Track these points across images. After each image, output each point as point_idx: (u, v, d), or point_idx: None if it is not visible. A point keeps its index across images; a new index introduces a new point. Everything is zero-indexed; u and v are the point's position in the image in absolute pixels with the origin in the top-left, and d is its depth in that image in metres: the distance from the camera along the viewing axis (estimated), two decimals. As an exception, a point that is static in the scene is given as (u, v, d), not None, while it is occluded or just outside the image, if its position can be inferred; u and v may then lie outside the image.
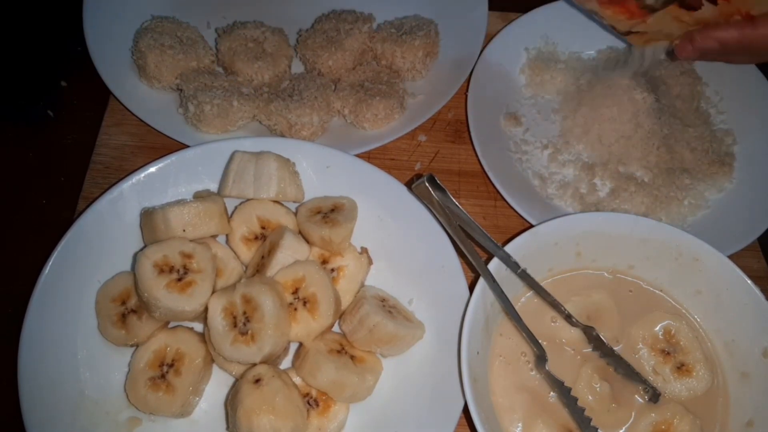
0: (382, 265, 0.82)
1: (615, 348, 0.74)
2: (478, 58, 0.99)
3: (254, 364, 0.71)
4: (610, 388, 0.72)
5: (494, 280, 0.71)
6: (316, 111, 0.91)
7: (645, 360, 0.74)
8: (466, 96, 0.96)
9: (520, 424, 0.70)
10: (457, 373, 0.70)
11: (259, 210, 0.81)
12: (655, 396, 0.71)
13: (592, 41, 1.05)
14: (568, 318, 0.74)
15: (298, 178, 0.83)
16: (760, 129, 0.97)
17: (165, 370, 0.72)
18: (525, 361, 0.74)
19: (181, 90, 0.93)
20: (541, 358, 0.71)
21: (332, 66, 0.97)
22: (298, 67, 1.02)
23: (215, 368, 0.76)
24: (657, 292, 0.79)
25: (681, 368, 0.73)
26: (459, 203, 0.93)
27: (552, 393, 0.72)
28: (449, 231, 0.74)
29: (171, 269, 0.72)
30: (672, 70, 1.00)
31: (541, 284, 0.76)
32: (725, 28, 0.83)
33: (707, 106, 1.01)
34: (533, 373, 0.73)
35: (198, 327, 0.78)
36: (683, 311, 0.78)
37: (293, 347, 0.78)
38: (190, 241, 0.75)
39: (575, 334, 0.75)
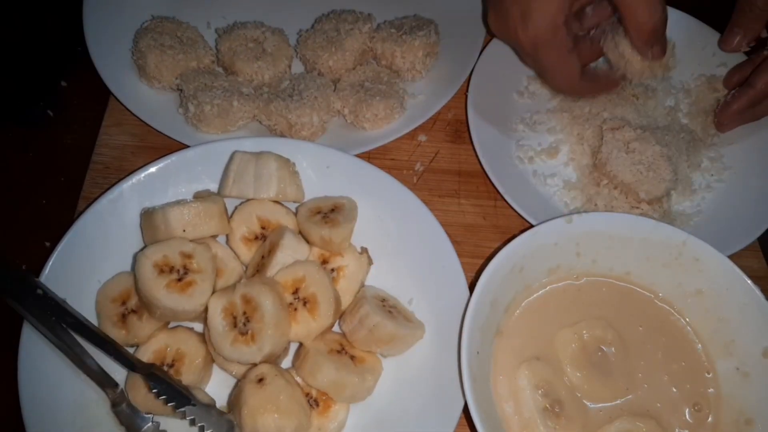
0: (382, 265, 0.82)
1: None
2: (478, 58, 0.99)
3: (255, 364, 0.72)
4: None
5: None
6: (316, 111, 0.91)
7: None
8: (466, 96, 0.96)
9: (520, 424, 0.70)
10: (457, 373, 0.70)
11: (259, 210, 0.81)
12: None
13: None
14: None
15: (298, 178, 0.83)
16: (760, 128, 0.97)
17: (165, 370, 0.72)
18: (525, 360, 0.74)
19: (181, 90, 0.93)
20: None
21: (332, 66, 0.97)
22: (298, 67, 1.03)
23: (215, 368, 0.77)
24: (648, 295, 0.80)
25: None
26: (459, 203, 0.94)
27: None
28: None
29: (171, 269, 0.72)
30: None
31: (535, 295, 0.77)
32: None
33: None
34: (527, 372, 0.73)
35: (198, 327, 0.78)
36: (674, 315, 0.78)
37: (293, 347, 0.78)
38: (190, 241, 0.75)
39: (576, 348, 0.75)
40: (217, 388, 0.76)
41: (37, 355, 0.72)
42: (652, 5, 0.78)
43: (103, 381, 0.71)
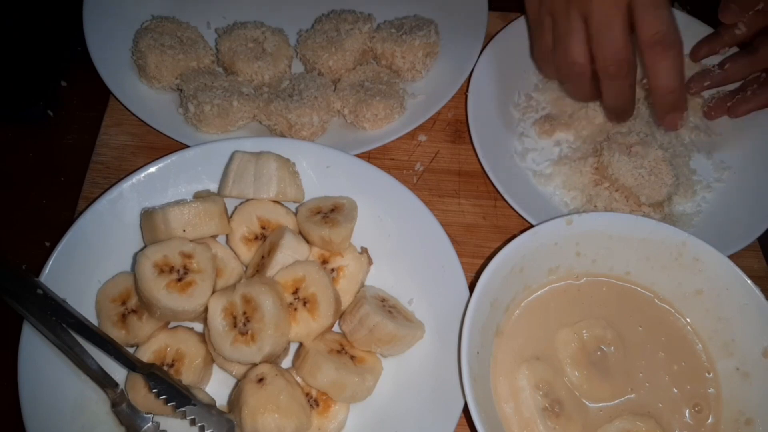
0: (382, 265, 0.82)
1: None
2: (478, 58, 0.99)
3: (255, 364, 0.72)
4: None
5: None
6: (316, 111, 0.91)
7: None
8: (466, 96, 0.96)
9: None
10: (457, 373, 0.70)
11: (259, 210, 0.81)
12: None
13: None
14: None
15: (298, 178, 0.83)
16: (758, 128, 0.97)
17: (165, 370, 0.72)
18: (525, 360, 0.74)
19: (181, 90, 0.93)
20: None
21: (332, 66, 0.97)
22: (298, 67, 1.03)
23: (215, 368, 0.77)
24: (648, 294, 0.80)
25: None
26: (459, 203, 0.94)
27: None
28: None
29: (171, 269, 0.72)
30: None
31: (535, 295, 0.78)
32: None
33: (703, 104, 1.01)
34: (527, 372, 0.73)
35: (198, 327, 0.78)
36: (674, 314, 0.78)
37: (293, 347, 0.78)
38: (190, 241, 0.75)
39: (576, 347, 0.75)
40: (217, 387, 0.76)
41: (37, 355, 0.72)
42: (672, 69, 0.79)
43: (103, 381, 0.71)
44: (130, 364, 0.70)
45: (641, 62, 0.83)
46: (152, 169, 0.81)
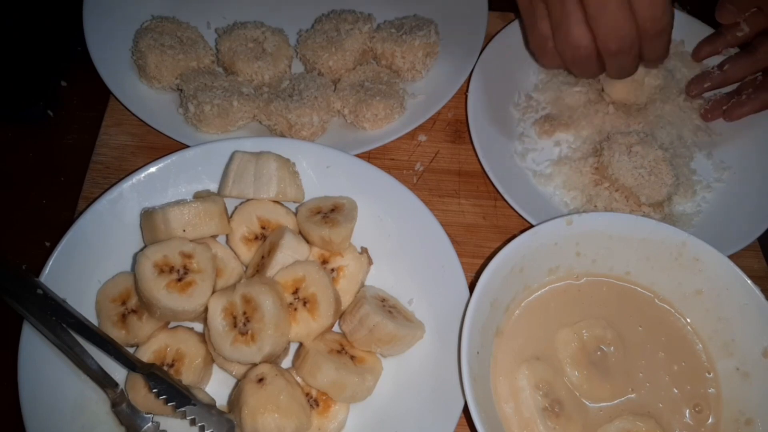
0: (382, 265, 0.82)
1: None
2: (478, 58, 0.99)
3: (255, 364, 0.72)
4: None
5: None
6: (316, 111, 0.91)
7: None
8: (466, 96, 0.96)
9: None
10: (457, 373, 0.70)
11: (259, 210, 0.81)
12: None
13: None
14: None
15: (298, 178, 0.83)
16: (758, 128, 0.98)
17: (165, 370, 0.72)
18: (525, 360, 0.74)
19: (181, 90, 0.93)
20: None
21: (332, 66, 0.98)
22: (298, 67, 1.03)
23: (215, 368, 0.77)
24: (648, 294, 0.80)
25: None
26: (459, 203, 0.94)
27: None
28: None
29: (171, 269, 0.72)
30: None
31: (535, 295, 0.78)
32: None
33: (702, 105, 1.01)
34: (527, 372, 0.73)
35: (198, 327, 0.78)
36: (675, 315, 0.78)
37: (293, 347, 0.78)
38: (190, 241, 0.75)
39: (576, 347, 0.75)
40: (217, 387, 0.76)
41: (37, 355, 0.72)
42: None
43: (103, 381, 0.71)
44: (130, 364, 0.70)
45: None
46: (152, 169, 0.81)
